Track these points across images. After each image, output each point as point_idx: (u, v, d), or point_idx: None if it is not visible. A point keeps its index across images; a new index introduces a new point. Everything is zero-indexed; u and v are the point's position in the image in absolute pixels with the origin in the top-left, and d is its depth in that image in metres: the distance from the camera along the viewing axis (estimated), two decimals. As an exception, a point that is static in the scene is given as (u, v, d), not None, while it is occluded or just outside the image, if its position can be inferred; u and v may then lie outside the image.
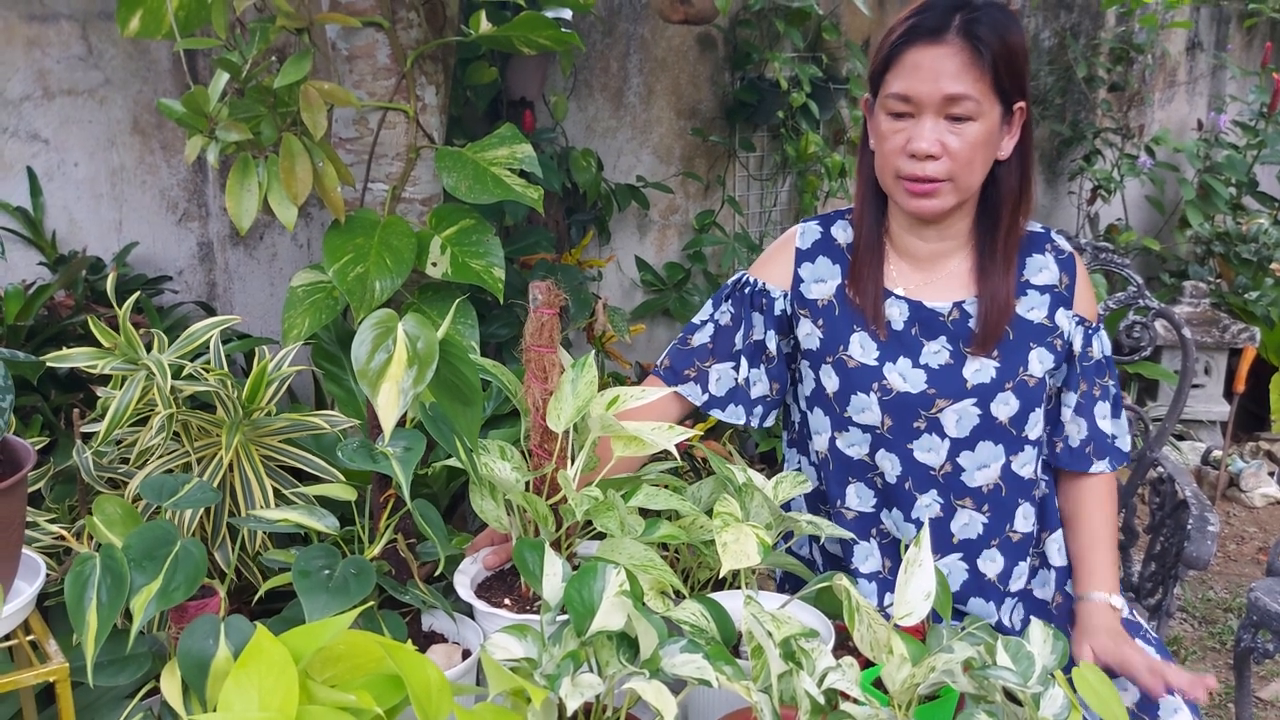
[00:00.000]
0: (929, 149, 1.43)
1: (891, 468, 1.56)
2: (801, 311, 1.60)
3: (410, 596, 1.28)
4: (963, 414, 1.52)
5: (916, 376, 1.53)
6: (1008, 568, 1.59)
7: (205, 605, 1.16)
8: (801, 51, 3.69)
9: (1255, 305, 4.43)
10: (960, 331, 1.54)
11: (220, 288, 2.74)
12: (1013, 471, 1.56)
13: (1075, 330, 1.56)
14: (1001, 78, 1.42)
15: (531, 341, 1.37)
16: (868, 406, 1.54)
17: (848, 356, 1.55)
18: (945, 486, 1.55)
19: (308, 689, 0.98)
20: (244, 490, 1.50)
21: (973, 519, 1.56)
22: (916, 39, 1.43)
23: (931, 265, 1.56)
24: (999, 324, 1.52)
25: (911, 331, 1.55)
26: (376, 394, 1.14)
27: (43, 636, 1.09)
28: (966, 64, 1.41)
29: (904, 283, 1.57)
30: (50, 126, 2.44)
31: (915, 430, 1.54)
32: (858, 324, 1.56)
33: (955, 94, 1.41)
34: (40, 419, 2.02)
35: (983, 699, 1.11)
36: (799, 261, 1.62)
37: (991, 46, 1.41)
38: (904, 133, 1.45)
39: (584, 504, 1.26)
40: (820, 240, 1.62)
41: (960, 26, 1.41)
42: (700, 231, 3.73)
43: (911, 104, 1.44)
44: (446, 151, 1.91)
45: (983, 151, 1.45)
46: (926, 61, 1.42)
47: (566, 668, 1.04)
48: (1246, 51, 5.41)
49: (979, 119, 1.43)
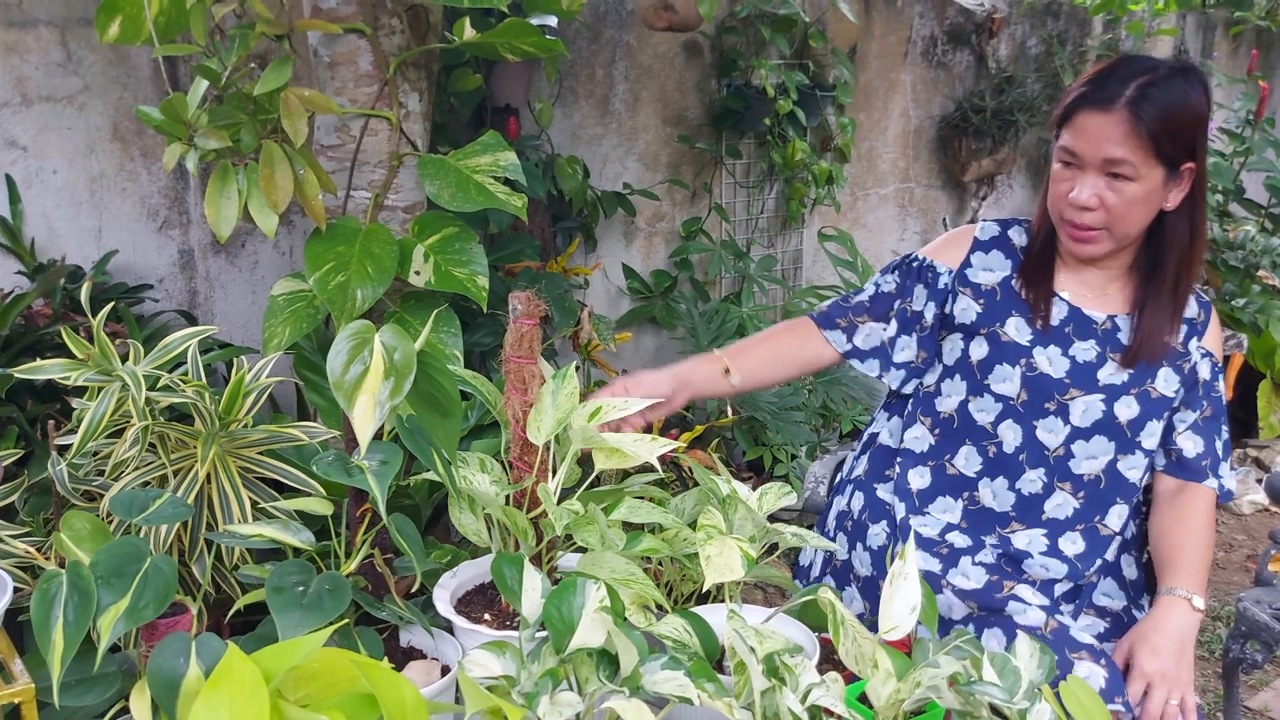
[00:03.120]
0: (1087, 202, 1.57)
1: (1013, 438, 1.68)
2: (963, 290, 1.73)
3: (387, 613, 1.26)
4: (1089, 406, 1.65)
5: (1061, 364, 1.66)
6: (1089, 554, 1.66)
7: (176, 623, 1.14)
8: (788, 58, 3.68)
9: (1242, 312, 4.43)
10: (1109, 340, 1.67)
11: (201, 296, 2.72)
12: (1118, 470, 1.66)
13: (1202, 362, 1.69)
14: (1163, 146, 1.53)
15: (511, 352, 1.35)
16: (1010, 377, 1.67)
17: (1002, 332, 1.69)
18: (1053, 468, 1.67)
19: (279, 709, 0.96)
20: (221, 503, 1.48)
21: (1066, 501, 1.67)
22: (1088, 105, 1.56)
23: (1095, 285, 1.70)
24: (1151, 350, 1.64)
25: (1066, 330, 1.68)
26: (352, 407, 1.13)
27: (8, 656, 1.07)
28: (1127, 134, 1.52)
29: (1070, 290, 1.70)
30: (29, 133, 2.41)
31: (1045, 410, 1.66)
32: (1017, 310, 1.69)
33: (1114, 158, 1.54)
34: (16, 430, 1.99)
35: (969, 715, 1.10)
36: (974, 249, 1.76)
37: (1151, 123, 1.51)
38: (1069, 182, 1.59)
39: (564, 518, 1.24)
40: (998, 237, 1.76)
41: (1130, 100, 1.52)
42: (687, 239, 3.72)
43: (1077, 159, 1.58)
44: (430, 159, 1.89)
45: (1140, 208, 1.58)
46: (1093, 126, 1.55)
47: (545, 686, 1.02)
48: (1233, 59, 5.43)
49: (1137, 180, 1.55)
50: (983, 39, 4.38)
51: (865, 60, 4.09)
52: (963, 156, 4.37)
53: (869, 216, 4.32)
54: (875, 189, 4.32)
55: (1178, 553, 1.63)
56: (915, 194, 4.44)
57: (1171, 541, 1.65)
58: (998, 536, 1.69)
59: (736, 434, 3.50)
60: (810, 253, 4.09)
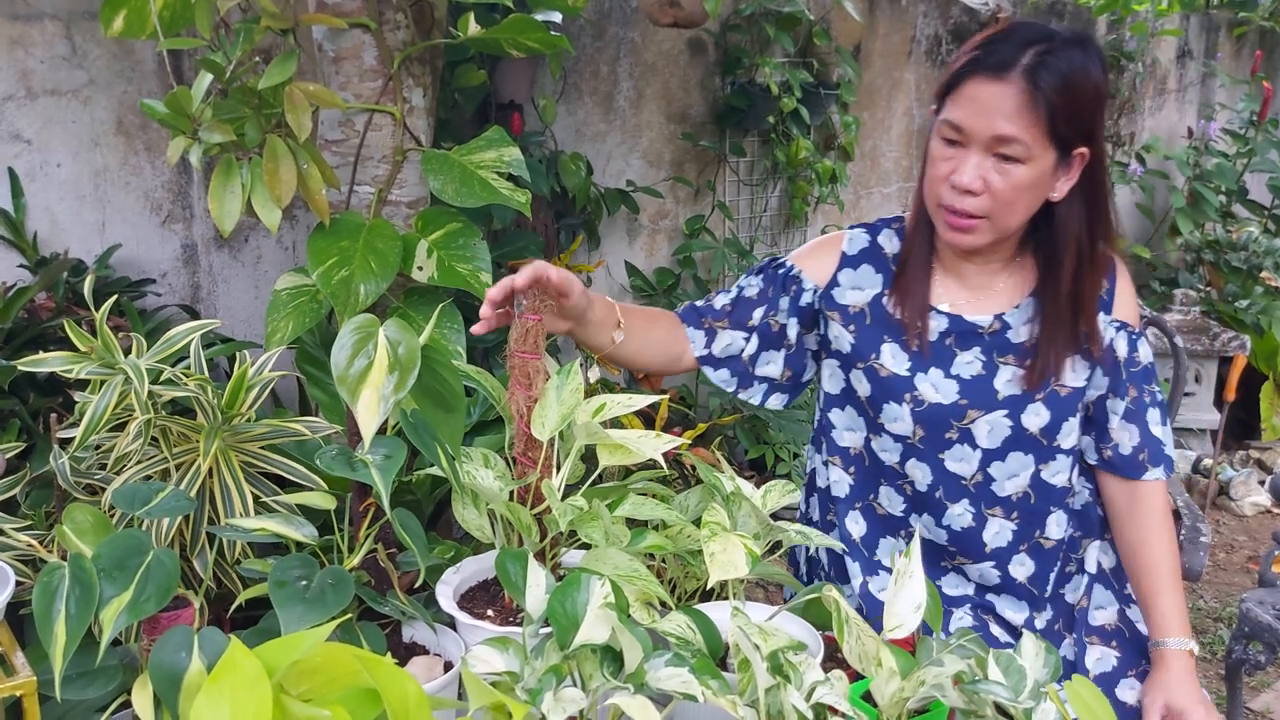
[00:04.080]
0: (970, 184, 1.40)
1: (923, 476, 1.56)
2: (831, 314, 1.59)
3: (390, 608, 1.26)
4: (994, 424, 1.51)
5: (948, 387, 1.52)
6: (1041, 572, 1.58)
7: (178, 616, 1.14)
8: (792, 56, 3.68)
9: (1245, 313, 4.43)
10: (996, 343, 1.53)
11: (204, 290, 2.71)
12: (1043, 480, 1.55)
13: (1118, 336, 1.54)
14: (1059, 125, 1.37)
15: (516, 347, 1.34)
16: (900, 416, 1.53)
17: (879, 365, 1.55)
18: (976, 496, 1.55)
19: (282, 704, 0.95)
20: (223, 497, 1.47)
21: (1003, 527, 1.56)
22: (979, 71, 1.39)
23: (976, 281, 1.55)
24: (1049, 370, 1.50)
25: (946, 343, 1.54)
26: (356, 400, 1.12)
27: (10, 649, 1.06)
28: (1022, 107, 1.36)
29: (949, 298, 1.55)
30: (33, 127, 2.41)
31: (947, 440, 1.53)
32: (890, 334, 1.55)
33: (1005, 135, 1.38)
34: (18, 423, 1.99)
35: (973, 714, 1.09)
36: (841, 266, 1.60)
37: (1050, 94, 1.36)
38: (952, 161, 1.42)
39: (568, 514, 1.23)
40: (867, 249, 1.61)
41: (1027, 67, 1.36)
42: (690, 236, 3.71)
43: (963, 135, 1.41)
44: (433, 154, 1.89)
45: (1027, 194, 1.42)
46: (983, 97, 1.38)
47: (549, 682, 1.02)
48: (1236, 60, 5.42)
49: (1028, 162, 1.39)
50: (987, 38, 4.37)
51: (869, 59, 4.08)
52: (966, 156, 4.35)
53: (872, 215, 4.32)
54: (878, 188, 4.32)
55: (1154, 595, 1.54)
56: (919, 193, 4.43)
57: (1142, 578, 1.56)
58: (953, 565, 1.60)
59: (738, 432, 3.50)
60: (813, 251, 4.08)
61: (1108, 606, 1.62)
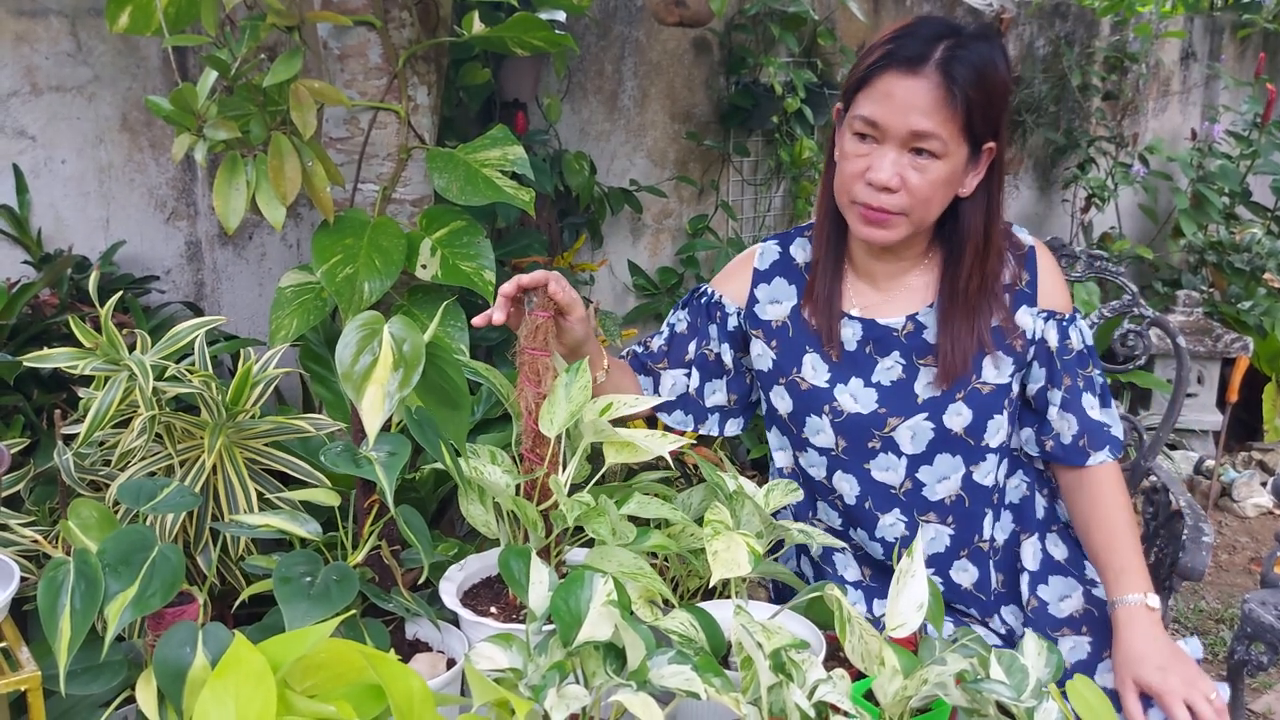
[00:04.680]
0: (887, 181, 1.39)
1: (850, 489, 1.55)
2: (754, 332, 1.58)
3: (394, 604, 1.26)
4: (916, 429, 1.50)
5: (867, 396, 1.51)
6: (983, 576, 1.56)
7: (183, 612, 1.14)
8: (796, 56, 3.68)
9: (1248, 315, 4.43)
10: (913, 344, 1.51)
11: (208, 287, 2.71)
12: (974, 481, 1.53)
13: (1046, 326, 1.52)
14: (974, 120, 1.37)
15: (526, 344, 1.35)
16: (821, 429, 1.53)
17: (800, 379, 1.54)
18: (907, 504, 1.53)
19: (286, 699, 0.96)
20: (227, 494, 1.48)
21: (939, 532, 1.55)
22: (893, 65, 1.37)
23: (888, 283, 1.54)
24: (958, 369, 1.48)
25: (865, 350, 1.52)
26: (361, 397, 1.12)
27: (15, 644, 1.07)
28: (939, 102, 1.35)
29: (860, 301, 1.54)
30: (38, 123, 2.41)
31: (870, 450, 1.52)
32: (811, 345, 1.54)
33: (922, 130, 1.36)
34: (22, 419, 1.99)
35: (976, 713, 1.10)
36: (755, 282, 1.60)
37: (967, 88, 1.35)
38: (866, 158, 1.40)
39: (575, 510, 1.23)
40: (779, 261, 1.60)
41: (940, 61, 1.35)
42: (693, 236, 3.71)
43: (878, 130, 1.39)
44: (438, 152, 1.89)
45: (943, 190, 1.41)
46: (899, 92, 1.37)
47: (552, 679, 1.02)
48: (1240, 62, 5.41)
49: (944, 158, 1.38)
50: (991, 39, 4.37)
51: (873, 59, 4.08)
52: (969, 156, 4.36)
53: (875, 216, 4.31)
54: (882, 188, 4.31)
55: (1106, 554, 1.51)
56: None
57: (1095, 542, 1.53)
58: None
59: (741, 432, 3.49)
60: (816, 251, 4.09)
61: (1071, 594, 1.58)
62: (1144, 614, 1.47)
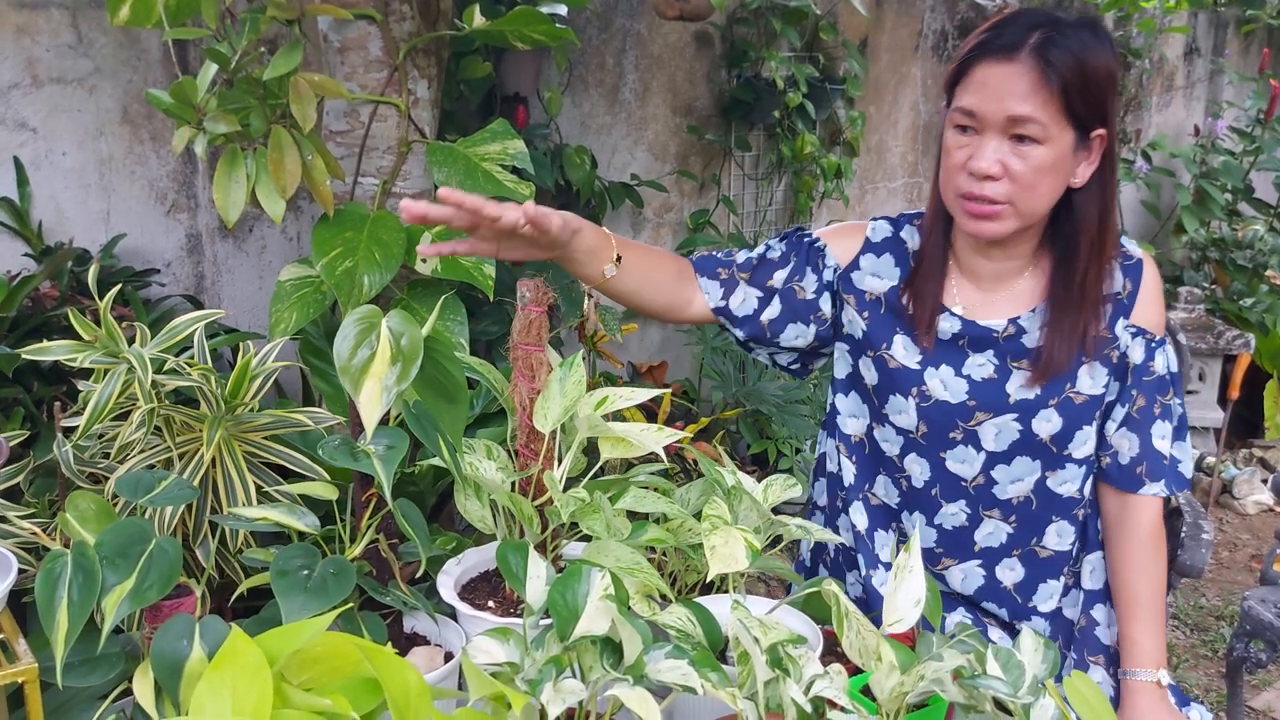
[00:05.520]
0: (989, 169, 1.36)
1: (920, 472, 1.54)
2: (846, 296, 1.56)
3: (391, 598, 1.26)
4: (1002, 428, 1.48)
5: (958, 386, 1.49)
6: (1029, 580, 1.55)
7: (180, 605, 1.14)
8: (798, 51, 3.67)
9: (1250, 312, 4.42)
10: (1011, 347, 1.48)
11: (208, 280, 2.71)
12: (1047, 486, 1.51)
13: (1134, 342, 1.48)
14: (1074, 102, 1.34)
15: (519, 339, 1.35)
16: (904, 409, 1.51)
17: (889, 355, 1.52)
18: (975, 498, 1.52)
19: (283, 692, 0.96)
20: (226, 487, 1.48)
21: (998, 528, 1.54)
22: (987, 55, 1.36)
23: (994, 284, 1.51)
24: (1058, 367, 1.45)
25: (959, 344, 1.50)
26: (359, 391, 1.12)
27: (12, 636, 1.07)
28: (1035, 85, 1.33)
29: (963, 300, 1.51)
30: (38, 115, 2.41)
31: (951, 440, 1.51)
32: (901, 328, 1.52)
33: (1020, 115, 1.34)
34: (21, 411, 2.00)
35: (972, 709, 1.09)
36: (865, 250, 1.57)
37: (1063, 70, 1.32)
38: (966, 149, 1.38)
39: (570, 505, 1.23)
40: (890, 239, 1.57)
41: (1034, 46, 1.33)
42: (694, 230, 3.71)
43: (976, 120, 1.37)
44: (438, 146, 1.89)
45: (1049, 177, 1.37)
46: (994, 79, 1.35)
47: (549, 673, 1.02)
48: (1244, 57, 5.40)
49: (1045, 143, 1.35)
50: (994, 34, 4.36)
51: (876, 53, 4.07)
52: (972, 152, 4.35)
53: (877, 210, 4.31)
54: (884, 183, 4.31)
55: (1130, 620, 1.50)
56: (924, 189, 4.43)
57: (1121, 599, 1.51)
58: (935, 571, 1.56)
59: (741, 427, 3.49)
60: (817, 246, 4.08)
61: (1112, 626, 1.57)
62: (1152, 691, 1.47)
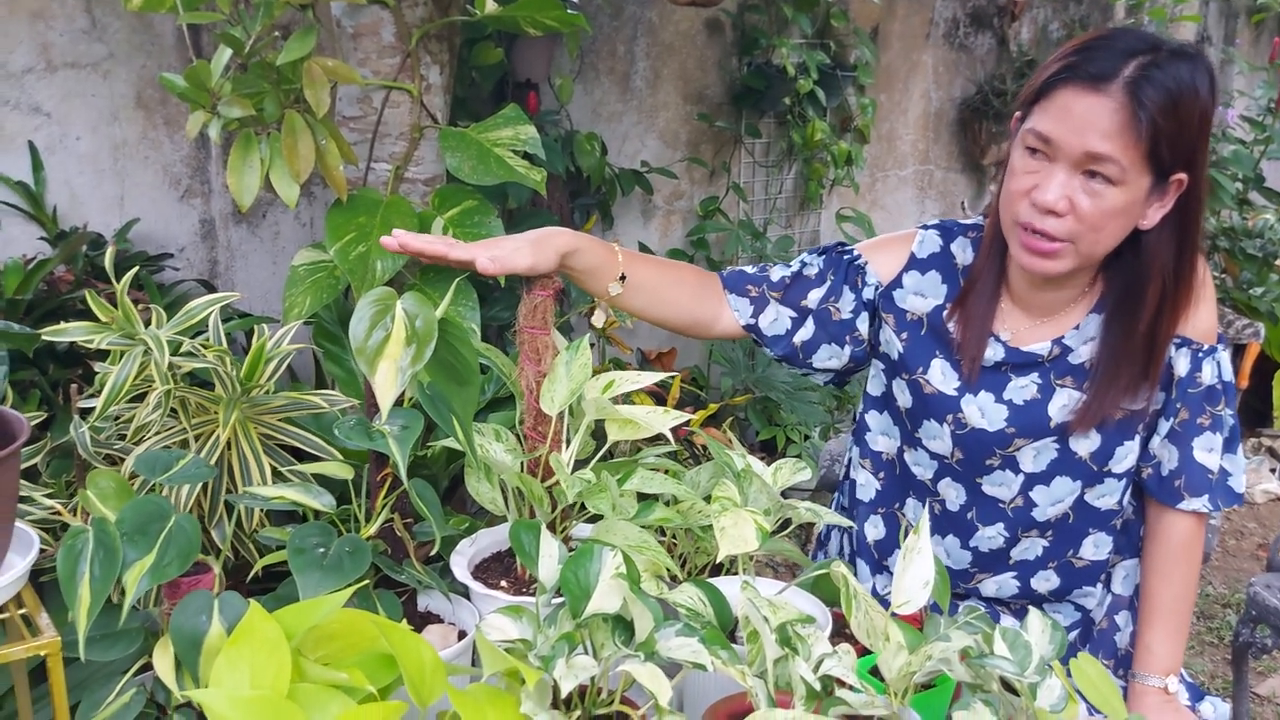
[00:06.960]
0: (1054, 204, 1.27)
1: (956, 496, 1.49)
2: (886, 316, 1.50)
3: (406, 576, 1.27)
4: (1041, 450, 1.44)
5: (997, 414, 1.43)
6: (1064, 587, 1.53)
7: (199, 581, 1.16)
8: (810, 38, 3.67)
9: (1260, 301, 4.42)
10: (1054, 367, 1.43)
11: (222, 265, 2.73)
12: (1085, 502, 1.47)
13: (1178, 354, 1.41)
14: (1161, 149, 1.23)
15: (525, 323, 1.36)
16: (939, 436, 1.46)
17: (925, 380, 1.46)
18: (1013, 520, 1.48)
19: (300, 667, 0.97)
20: (241, 468, 1.49)
21: (1034, 544, 1.51)
22: (1075, 80, 1.25)
23: (1044, 313, 1.44)
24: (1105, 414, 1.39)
25: (1002, 370, 1.45)
26: (374, 372, 1.13)
27: (35, 610, 1.09)
28: (1122, 126, 1.22)
29: (1011, 326, 1.45)
30: (53, 100, 2.43)
31: (988, 466, 1.46)
32: (941, 351, 1.46)
33: (1099, 153, 1.24)
34: (38, 393, 2.02)
35: (979, 688, 1.11)
36: (909, 266, 1.50)
37: (1155, 113, 1.21)
38: (1034, 176, 1.28)
39: (576, 486, 1.25)
40: (938, 254, 1.49)
41: (1129, 80, 1.22)
42: (704, 218, 3.72)
43: (1050, 148, 1.27)
44: (450, 132, 1.90)
45: (1117, 220, 1.28)
46: (1078, 108, 1.24)
47: (561, 649, 1.03)
48: (1254, 46, 5.38)
49: (1120, 185, 1.25)
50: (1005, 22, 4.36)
51: (887, 41, 4.07)
52: (983, 140, 4.36)
53: (888, 198, 4.31)
54: (894, 170, 4.31)
55: (1150, 618, 1.47)
56: (934, 176, 4.43)
57: (1146, 595, 1.49)
58: (967, 589, 1.54)
59: (750, 414, 3.51)
60: (828, 234, 4.09)
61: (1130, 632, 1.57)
62: (1158, 696, 1.45)
